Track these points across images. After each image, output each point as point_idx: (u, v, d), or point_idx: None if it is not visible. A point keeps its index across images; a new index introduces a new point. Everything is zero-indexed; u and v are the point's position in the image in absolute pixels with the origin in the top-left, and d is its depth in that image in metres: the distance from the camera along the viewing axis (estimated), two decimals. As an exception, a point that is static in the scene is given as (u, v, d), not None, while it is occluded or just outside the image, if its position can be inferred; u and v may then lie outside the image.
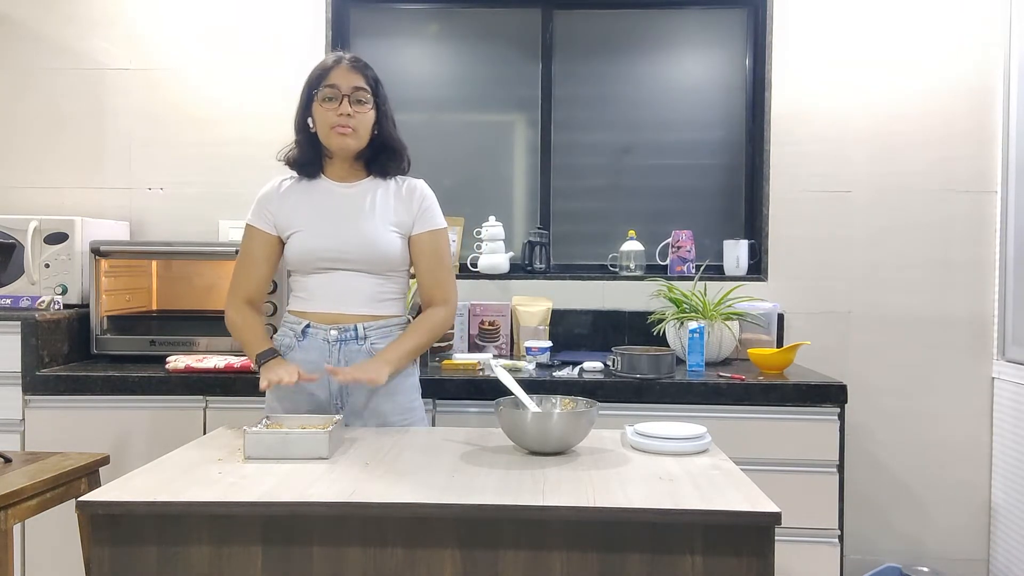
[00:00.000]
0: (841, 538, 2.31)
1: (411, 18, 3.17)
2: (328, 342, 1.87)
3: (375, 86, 1.88)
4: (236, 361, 2.42)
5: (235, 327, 1.93)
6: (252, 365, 1.92)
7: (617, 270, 3.03)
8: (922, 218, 2.94)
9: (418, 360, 2.00)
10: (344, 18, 3.14)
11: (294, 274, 1.95)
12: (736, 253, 2.98)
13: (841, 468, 2.30)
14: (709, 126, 3.13)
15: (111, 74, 3.06)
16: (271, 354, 1.86)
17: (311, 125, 1.90)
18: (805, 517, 2.29)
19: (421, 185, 1.97)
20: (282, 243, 1.94)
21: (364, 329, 1.88)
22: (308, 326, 1.89)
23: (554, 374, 2.41)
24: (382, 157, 1.93)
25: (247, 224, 1.95)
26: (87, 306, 2.66)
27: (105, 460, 1.98)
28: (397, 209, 1.91)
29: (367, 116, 1.87)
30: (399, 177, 1.97)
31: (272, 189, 1.96)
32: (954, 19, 2.92)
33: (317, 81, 1.86)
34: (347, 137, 1.85)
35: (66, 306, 2.64)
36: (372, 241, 1.87)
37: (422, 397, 2.00)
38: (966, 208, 2.92)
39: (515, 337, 2.83)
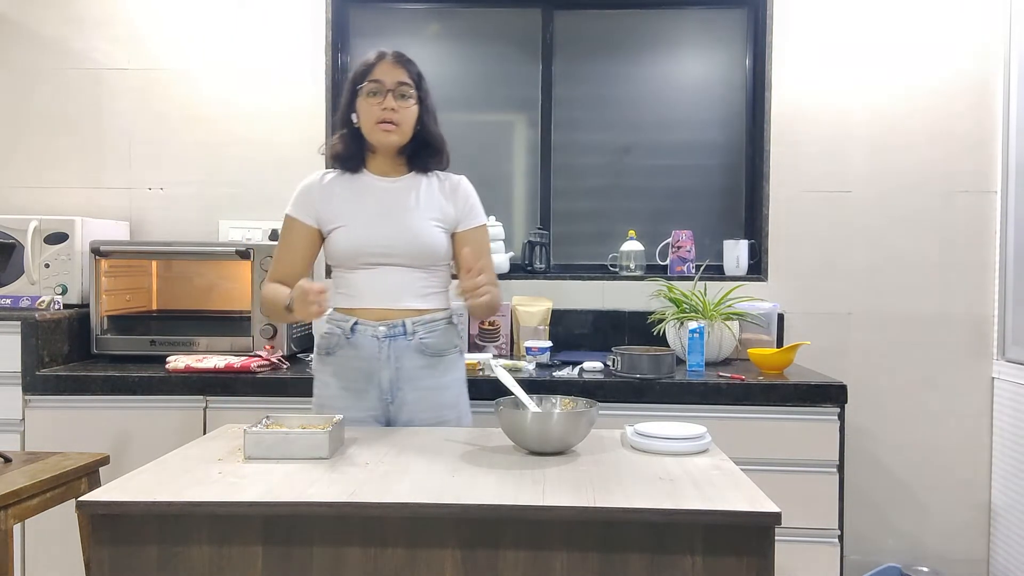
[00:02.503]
0: (841, 538, 2.31)
1: (411, 18, 3.17)
2: (378, 338, 1.87)
3: (419, 81, 1.89)
4: (236, 361, 2.42)
5: (265, 298, 1.90)
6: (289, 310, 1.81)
7: (617, 270, 3.03)
8: (922, 218, 2.94)
9: (464, 354, 2.01)
10: (344, 18, 3.14)
11: (336, 269, 1.93)
12: (736, 253, 2.98)
13: (841, 468, 2.30)
14: (709, 126, 3.13)
15: (110, 74, 3.06)
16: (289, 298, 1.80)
17: (355, 120, 1.90)
18: (805, 517, 2.29)
19: (464, 182, 1.98)
20: (322, 236, 1.93)
21: (412, 324, 1.88)
22: (357, 323, 1.88)
23: (554, 374, 2.41)
24: (423, 153, 1.93)
25: (287, 215, 1.95)
26: (87, 306, 2.66)
27: (105, 460, 1.99)
28: (442, 205, 1.92)
29: (410, 111, 1.87)
30: (440, 173, 1.98)
31: (315, 181, 1.96)
32: (954, 19, 2.92)
33: (362, 76, 1.87)
34: (391, 133, 1.86)
35: (66, 306, 2.64)
36: (418, 235, 1.87)
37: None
38: (966, 208, 2.92)
39: (515, 337, 2.83)
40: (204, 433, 2.36)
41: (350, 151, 1.93)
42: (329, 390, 1.91)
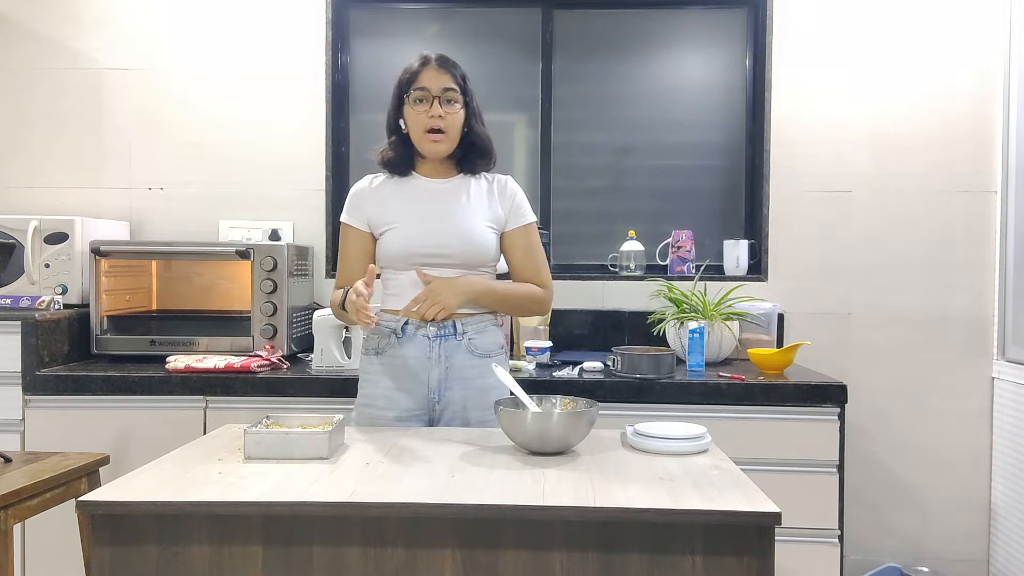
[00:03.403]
0: (841, 538, 2.31)
1: (411, 18, 3.17)
2: (428, 338, 1.87)
3: (463, 84, 1.90)
4: (236, 361, 2.42)
5: (331, 304, 1.95)
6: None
7: (617, 270, 3.03)
8: (922, 218, 2.94)
9: (508, 354, 2.00)
10: (344, 18, 3.14)
11: (387, 270, 1.94)
12: (736, 253, 2.98)
13: (841, 468, 2.31)
14: (709, 126, 3.13)
15: (110, 74, 3.06)
16: (343, 295, 1.84)
17: (403, 127, 1.92)
18: (805, 517, 2.29)
19: (511, 182, 2.00)
20: (375, 240, 1.94)
21: (462, 325, 1.88)
22: (407, 323, 1.89)
23: (554, 374, 2.41)
24: (472, 156, 1.95)
25: (341, 222, 1.97)
26: (87, 306, 2.66)
27: (105, 460, 1.99)
28: (492, 205, 1.94)
29: (457, 116, 1.89)
30: (487, 174, 1.99)
31: (365, 186, 1.97)
32: (954, 20, 2.92)
33: (407, 84, 1.88)
34: (440, 143, 1.88)
35: (66, 306, 2.64)
36: (471, 236, 1.88)
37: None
38: (966, 208, 2.92)
39: (515, 337, 2.83)
40: (204, 433, 2.36)
41: (400, 157, 1.95)
42: (376, 389, 1.91)
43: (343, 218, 1.97)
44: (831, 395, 2.30)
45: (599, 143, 3.16)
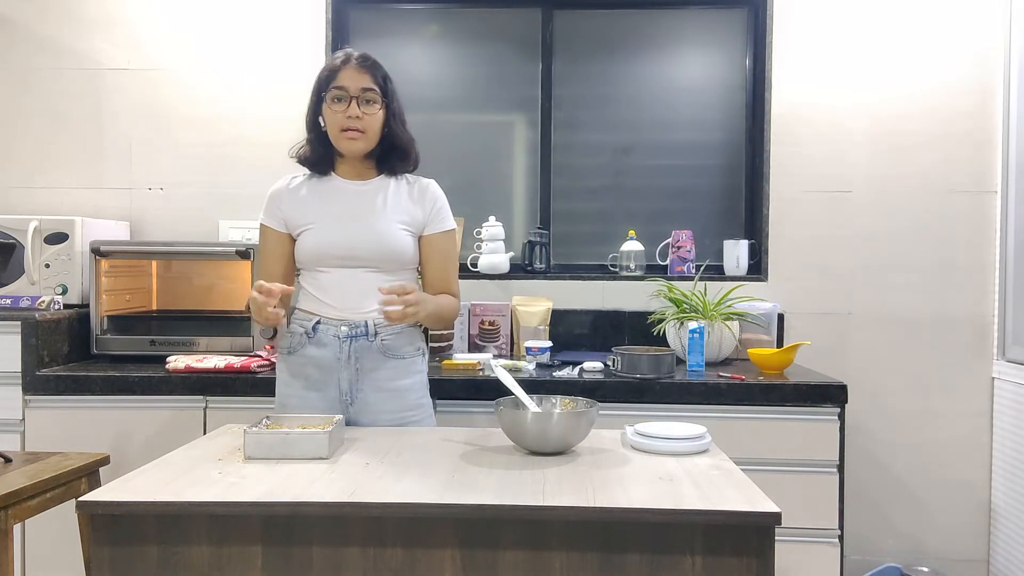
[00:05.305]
0: (841, 538, 2.31)
1: (411, 18, 3.17)
2: (339, 339, 1.87)
3: (384, 84, 1.88)
4: (236, 361, 2.42)
5: (246, 306, 1.93)
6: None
7: (617, 270, 3.03)
8: (922, 218, 2.94)
9: (426, 356, 2.01)
10: (344, 18, 3.14)
11: (304, 271, 1.94)
12: (736, 253, 2.98)
13: (841, 468, 2.30)
14: (709, 126, 3.13)
15: (111, 74, 3.06)
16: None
17: (322, 124, 1.90)
18: (805, 517, 2.29)
19: (433, 186, 1.98)
20: (293, 240, 1.93)
21: (375, 326, 1.88)
22: (319, 323, 1.89)
23: (554, 374, 2.41)
24: (392, 156, 1.93)
25: (260, 223, 1.96)
26: (87, 306, 2.66)
27: (105, 460, 1.99)
28: (410, 208, 1.92)
29: (376, 117, 1.87)
30: (410, 176, 1.98)
31: (282, 186, 1.96)
32: (954, 19, 2.92)
33: (326, 82, 1.86)
34: (356, 141, 1.86)
35: (66, 306, 2.64)
36: (384, 239, 1.87)
37: (423, 397, 2.00)
38: (966, 208, 2.92)
39: (515, 337, 2.83)
40: (204, 433, 2.36)
41: (318, 155, 1.93)
42: (290, 389, 1.92)
43: (261, 218, 1.95)
44: (831, 395, 2.30)
45: (599, 143, 3.16)
